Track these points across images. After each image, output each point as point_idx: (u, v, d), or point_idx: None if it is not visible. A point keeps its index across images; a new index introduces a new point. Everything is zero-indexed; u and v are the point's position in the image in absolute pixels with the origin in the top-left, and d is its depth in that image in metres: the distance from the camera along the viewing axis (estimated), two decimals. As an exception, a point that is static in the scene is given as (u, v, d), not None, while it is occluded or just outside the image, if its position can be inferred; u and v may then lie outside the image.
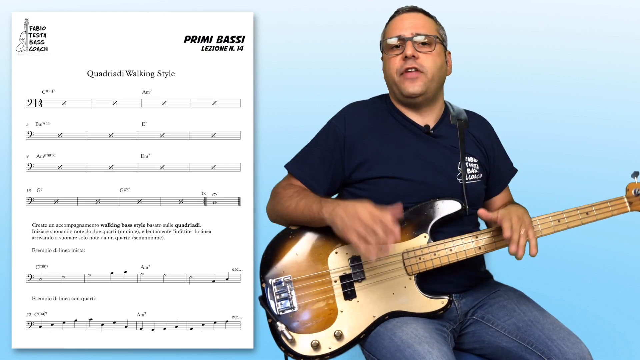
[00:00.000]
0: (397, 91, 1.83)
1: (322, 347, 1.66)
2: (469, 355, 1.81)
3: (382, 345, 1.63)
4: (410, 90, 1.79)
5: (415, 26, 1.82)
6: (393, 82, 1.83)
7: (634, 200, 1.73)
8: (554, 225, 1.70)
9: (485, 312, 1.80)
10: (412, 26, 1.81)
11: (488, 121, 1.99)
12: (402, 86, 1.80)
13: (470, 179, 1.82)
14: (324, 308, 1.69)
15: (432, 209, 1.74)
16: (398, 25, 1.84)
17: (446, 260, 1.71)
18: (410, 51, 1.78)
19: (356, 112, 1.87)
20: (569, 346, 1.64)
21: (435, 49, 1.81)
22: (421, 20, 1.84)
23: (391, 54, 1.82)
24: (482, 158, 1.88)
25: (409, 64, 1.78)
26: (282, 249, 1.74)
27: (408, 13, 1.86)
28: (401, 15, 1.86)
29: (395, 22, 1.85)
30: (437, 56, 1.82)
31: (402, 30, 1.81)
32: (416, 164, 1.78)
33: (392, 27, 1.86)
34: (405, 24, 1.82)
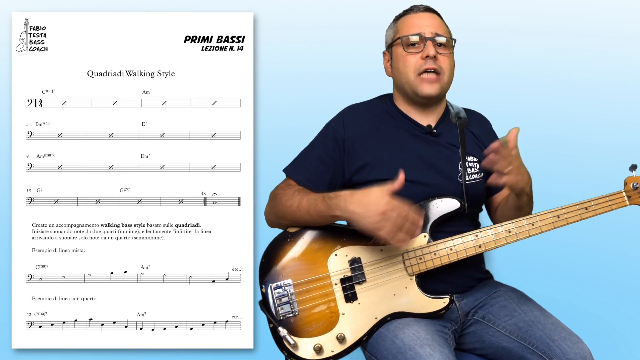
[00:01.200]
0: (409, 90, 1.82)
1: (324, 351, 1.66)
2: (470, 356, 1.81)
3: (383, 347, 1.63)
4: (427, 92, 1.78)
5: (434, 26, 1.81)
6: (407, 80, 1.81)
7: (632, 194, 1.72)
8: (553, 221, 1.70)
9: (486, 312, 1.80)
10: (431, 26, 1.81)
11: (487, 118, 2.00)
12: (419, 87, 1.79)
13: (470, 179, 1.82)
14: (326, 311, 1.69)
15: (431, 208, 1.74)
16: (417, 23, 1.82)
17: (447, 260, 1.71)
18: (433, 51, 1.77)
19: (355, 114, 1.87)
20: (570, 346, 1.64)
21: (452, 51, 1.83)
22: (438, 21, 1.84)
23: (409, 51, 1.81)
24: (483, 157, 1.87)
25: (429, 64, 1.77)
26: (280, 253, 1.74)
27: (425, 12, 1.85)
28: (418, 14, 1.85)
29: (413, 20, 1.84)
30: (453, 58, 1.84)
31: (422, 29, 1.80)
32: (417, 166, 1.78)
33: (409, 24, 1.83)
34: (423, 23, 1.81)
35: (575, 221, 1.71)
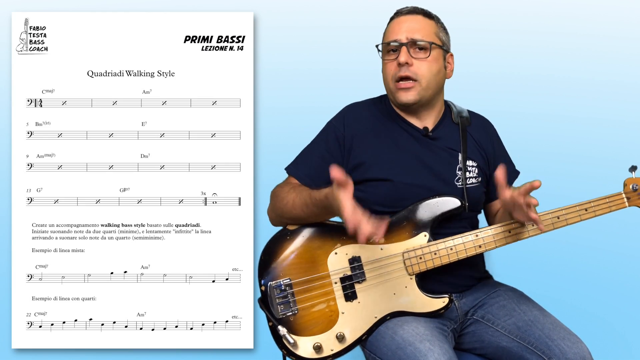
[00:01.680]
0: (391, 97, 1.83)
1: (324, 350, 1.66)
2: (469, 355, 1.81)
3: (383, 344, 1.63)
4: (403, 100, 1.77)
5: (411, 30, 1.78)
6: (388, 87, 1.82)
7: (631, 195, 1.73)
8: (552, 222, 1.70)
9: (485, 312, 1.80)
10: (409, 30, 1.78)
11: (491, 123, 1.98)
12: (395, 94, 1.78)
13: (469, 183, 1.81)
14: (325, 310, 1.69)
15: (431, 206, 1.74)
16: (395, 28, 1.80)
17: (447, 260, 1.71)
18: (404, 58, 1.75)
19: (355, 112, 1.87)
20: (569, 346, 1.64)
21: (432, 54, 1.77)
22: (419, 24, 1.80)
23: (387, 58, 1.80)
24: (482, 161, 1.87)
25: (402, 71, 1.75)
26: (280, 251, 1.74)
27: (407, 15, 1.82)
28: (399, 17, 1.82)
29: (392, 25, 1.82)
30: (433, 62, 1.78)
31: (398, 34, 1.78)
32: (413, 167, 1.77)
33: (389, 30, 1.83)
34: (402, 28, 1.79)
35: (574, 222, 1.72)
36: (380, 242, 1.68)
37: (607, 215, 1.73)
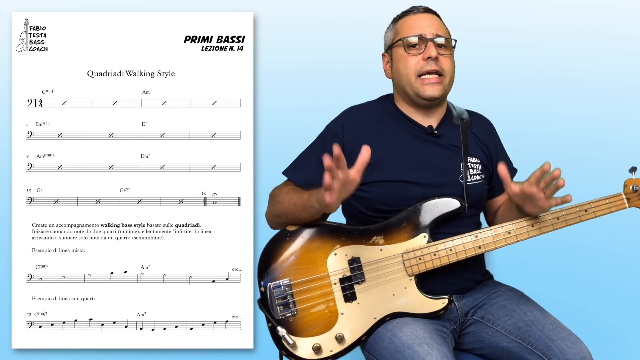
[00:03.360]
0: (411, 92, 1.81)
1: (323, 351, 1.66)
2: (469, 356, 1.81)
3: (382, 346, 1.63)
4: (429, 94, 1.78)
5: (435, 27, 1.81)
6: (408, 82, 1.80)
7: (631, 196, 1.72)
8: (552, 222, 1.70)
9: (485, 312, 1.80)
10: (432, 27, 1.80)
11: (490, 121, 1.99)
12: (420, 88, 1.78)
13: (472, 180, 1.81)
14: (324, 311, 1.68)
15: (430, 208, 1.74)
16: (417, 24, 1.82)
17: (446, 260, 1.71)
18: (434, 52, 1.77)
19: (354, 116, 1.86)
20: (569, 346, 1.64)
21: (452, 52, 1.83)
22: (438, 22, 1.84)
23: (410, 52, 1.80)
24: (485, 158, 1.88)
25: (430, 65, 1.77)
26: (279, 252, 1.74)
27: (424, 13, 1.84)
28: (417, 15, 1.84)
29: (413, 21, 1.83)
30: (453, 59, 1.83)
31: (422, 30, 1.80)
32: (418, 167, 1.78)
33: (410, 25, 1.83)
34: (424, 23, 1.81)
35: (574, 223, 1.71)
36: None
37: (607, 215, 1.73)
